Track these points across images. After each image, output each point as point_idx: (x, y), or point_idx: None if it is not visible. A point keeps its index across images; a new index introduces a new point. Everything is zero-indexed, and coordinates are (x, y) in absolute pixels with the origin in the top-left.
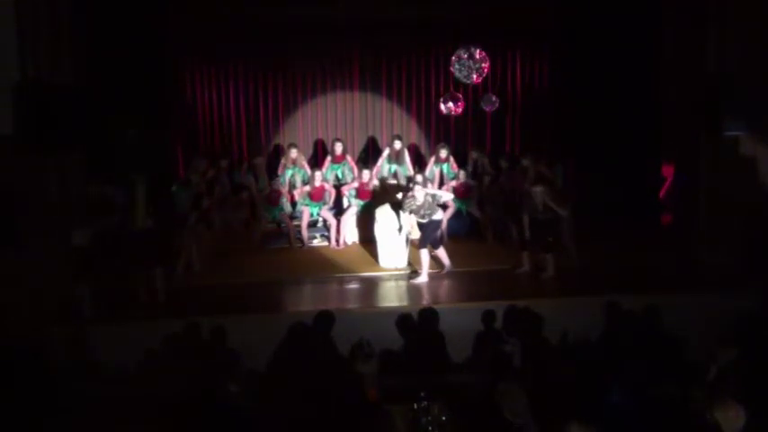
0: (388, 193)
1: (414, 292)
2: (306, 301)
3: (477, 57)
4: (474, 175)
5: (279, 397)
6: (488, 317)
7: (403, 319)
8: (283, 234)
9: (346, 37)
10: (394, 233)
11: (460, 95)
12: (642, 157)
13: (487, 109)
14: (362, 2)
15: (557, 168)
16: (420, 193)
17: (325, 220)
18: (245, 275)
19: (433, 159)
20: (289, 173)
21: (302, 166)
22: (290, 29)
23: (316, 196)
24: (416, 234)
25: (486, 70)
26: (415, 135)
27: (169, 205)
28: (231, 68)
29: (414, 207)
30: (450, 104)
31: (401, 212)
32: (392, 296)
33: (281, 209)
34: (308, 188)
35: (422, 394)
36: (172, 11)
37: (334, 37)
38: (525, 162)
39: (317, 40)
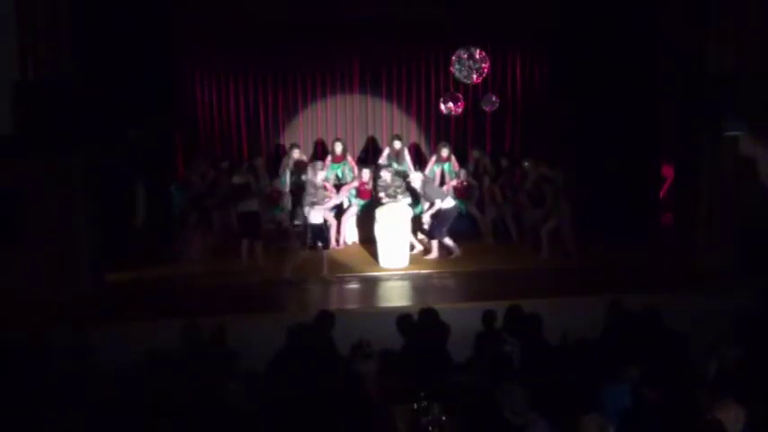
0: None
1: (414, 292)
2: (306, 301)
3: (477, 57)
4: (474, 175)
5: (279, 397)
6: (488, 317)
7: (403, 319)
8: (283, 234)
9: (346, 37)
10: (394, 233)
11: (460, 95)
12: (642, 157)
13: (487, 109)
14: (363, 2)
15: (557, 169)
16: (386, 174)
17: (325, 220)
18: (245, 275)
19: (433, 159)
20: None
21: None
22: (290, 29)
23: None
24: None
25: (486, 70)
26: (415, 135)
27: (168, 205)
28: (232, 68)
29: (382, 185)
30: (450, 104)
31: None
32: (392, 296)
33: (282, 209)
34: None
35: (422, 394)
36: (173, 11)
37: (334, 37)
38: (526, 164)
39: (318, 41)
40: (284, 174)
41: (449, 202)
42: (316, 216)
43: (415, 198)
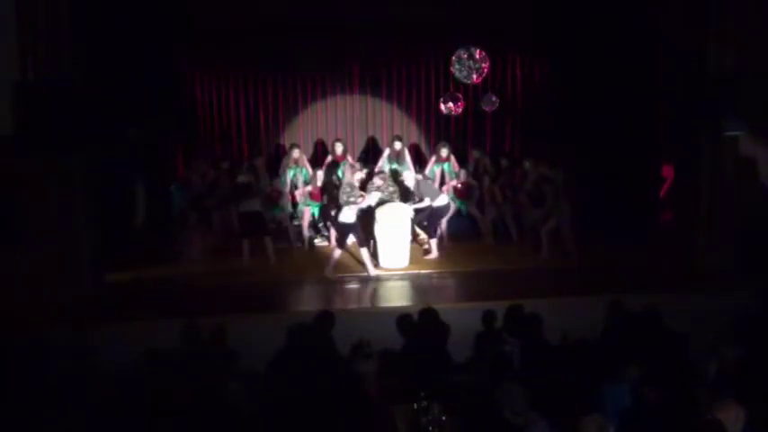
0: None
1: (414, 292)
2: (306, 301)
3: (477, 57)
4: (474, 175)
5: (279, 397)
6: (488, 317)
7: (403, 319)
8: (283, 234)
9: (346, 37)
10: (394, 233)
11: (460, 95)
12: (642, 157)
13: (487, 109)
14: (363, 2)
15: (557, 169)
16: (378, 180)
17: (325, 220)
18: (245, 275)
19: (433, 159)
20: (291, 173)
21: (304, 165)
22: (290, 29)
23: (317, 196)
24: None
25: (486, 70)
26: (416, 135)
27: (168, 205)
28: (232, 68)
29: (372, 189)
30: (450, 104)
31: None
32: (392, 296)
33: (282, 209)
34: (309, 188)
35: (422, 394)
36: (173, 11)
37: (334, 37)
38: (526, 164)
39: (318, 41)
40: (284, 174)
41: (441, 201)
42: (348, 215)
43: (407, 197)
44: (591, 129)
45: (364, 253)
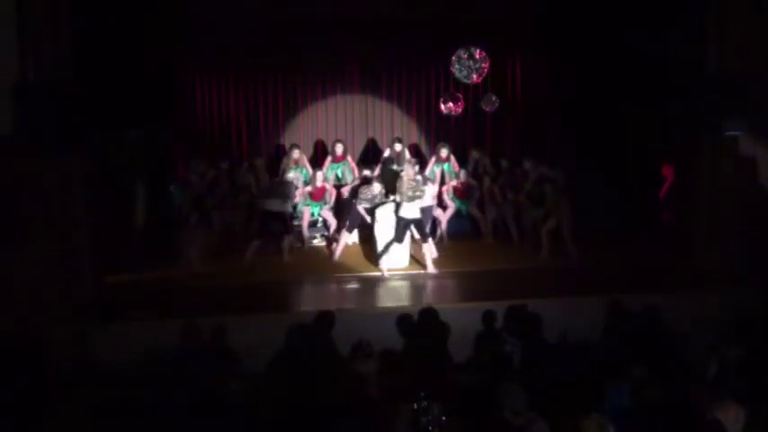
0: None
1: (414, 292)
2: (306, 301)
3: (477, 57)
4: (474, 175)
5: (279, 397)
6: (488, 317)
7: (403, 319)
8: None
9: (347, 38)
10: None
11: (460, 95)
12: (642, 157)
13: (487, 109)
14: (363, 2)
15: (557, 169)
16: (377, 186)
17: (325, 220)
18: (245, 275)
19: (433, 159)
20: (291, 173)
21: (304, 166)
22: (290, 29)
23: (316, 196)
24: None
25: (486, 70)
26: (416, 135)
27: (168, 205)
28: (232, 68)
29: (368, 197)
30: (451, 104)
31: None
32: (392, 296)
33: None
34: (309, 188)
35: (422, 394)
36: (173, 11)
37: (334, 37)
38: (527, 164)
39: (318, 41)
40: (284, 174)
41: (424, 202)
42: (413, 210)
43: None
44: (591, 129)
45: (428, 247)
